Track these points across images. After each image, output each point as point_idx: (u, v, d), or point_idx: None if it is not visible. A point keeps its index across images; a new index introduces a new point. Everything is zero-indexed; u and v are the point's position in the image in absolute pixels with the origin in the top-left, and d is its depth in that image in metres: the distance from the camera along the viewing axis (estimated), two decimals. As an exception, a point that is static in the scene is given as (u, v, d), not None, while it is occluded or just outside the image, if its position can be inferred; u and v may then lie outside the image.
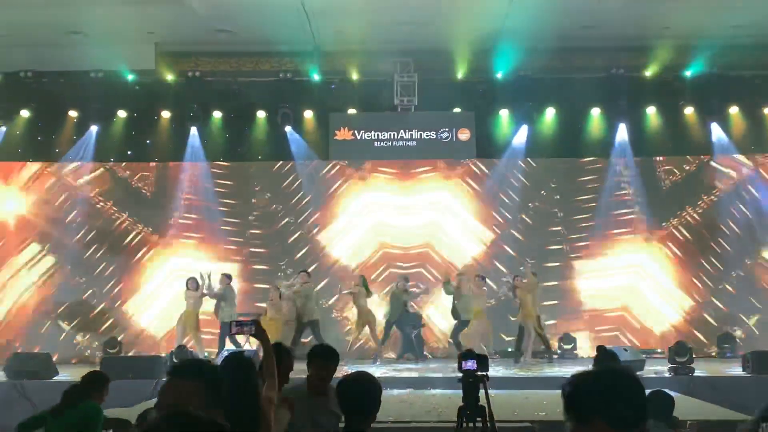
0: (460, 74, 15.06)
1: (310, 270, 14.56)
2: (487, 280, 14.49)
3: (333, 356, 4.87)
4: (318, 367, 4.83)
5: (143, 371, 11.43)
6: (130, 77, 15.01)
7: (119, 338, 14.91)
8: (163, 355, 13.11)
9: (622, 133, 15.51)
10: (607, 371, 2.14)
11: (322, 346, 5.16)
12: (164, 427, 2.08)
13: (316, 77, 15.08)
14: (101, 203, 15.87)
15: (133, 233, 15.81)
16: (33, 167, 15.96)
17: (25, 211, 15.82)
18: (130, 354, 14.63)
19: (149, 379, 11.05)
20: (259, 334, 4.39)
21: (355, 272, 15.11)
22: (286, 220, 15.87)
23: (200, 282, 13.63)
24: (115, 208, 15.85)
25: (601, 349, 7.62)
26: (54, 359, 12.79)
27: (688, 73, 14.84)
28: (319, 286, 14.93)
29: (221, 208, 15.89)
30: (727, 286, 15.31)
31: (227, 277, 14.04)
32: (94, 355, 14.83)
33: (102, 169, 15.96)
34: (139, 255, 15.76)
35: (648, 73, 14.95)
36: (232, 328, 4.99)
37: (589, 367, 3.27)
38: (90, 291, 15.58)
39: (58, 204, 15.86)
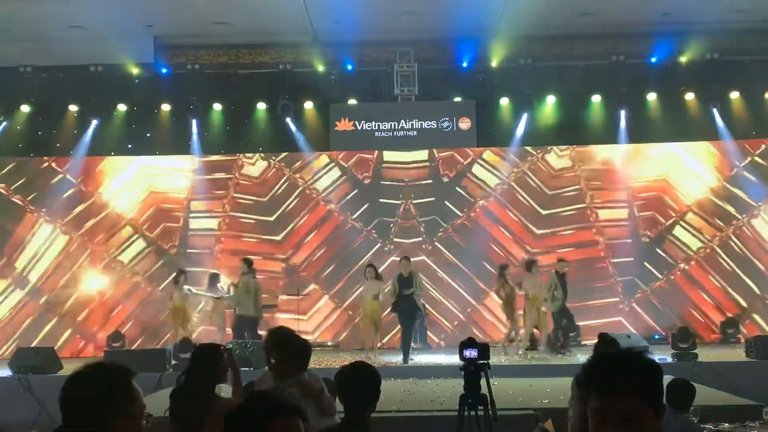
0: (459, 63, 14.99)
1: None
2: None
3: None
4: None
5: (147, 364, 11.45)
6: (130, 71, 14.98)
7: (123, 331, 14.95)
8: (167, 348, 13.11)
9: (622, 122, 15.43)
10: (638, 351, 2.15)
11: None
12: (250, 409, 2.15)
13: (315, 68, 15.04)
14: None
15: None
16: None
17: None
18: (134, 347, 14.65)
19: (153, 372, 11.09)
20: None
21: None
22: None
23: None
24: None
25: (602, 336, 7.60)
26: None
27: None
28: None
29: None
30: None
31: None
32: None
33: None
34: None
35: (648, 59, 14.88)
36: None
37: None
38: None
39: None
